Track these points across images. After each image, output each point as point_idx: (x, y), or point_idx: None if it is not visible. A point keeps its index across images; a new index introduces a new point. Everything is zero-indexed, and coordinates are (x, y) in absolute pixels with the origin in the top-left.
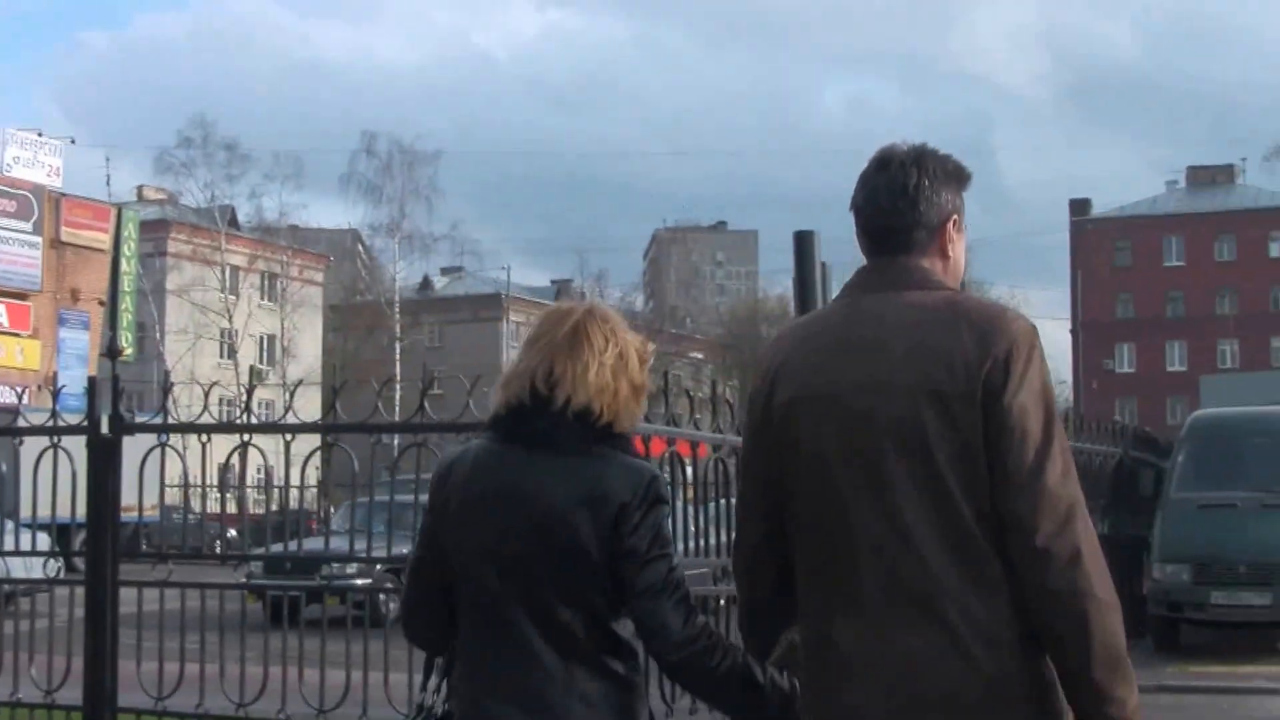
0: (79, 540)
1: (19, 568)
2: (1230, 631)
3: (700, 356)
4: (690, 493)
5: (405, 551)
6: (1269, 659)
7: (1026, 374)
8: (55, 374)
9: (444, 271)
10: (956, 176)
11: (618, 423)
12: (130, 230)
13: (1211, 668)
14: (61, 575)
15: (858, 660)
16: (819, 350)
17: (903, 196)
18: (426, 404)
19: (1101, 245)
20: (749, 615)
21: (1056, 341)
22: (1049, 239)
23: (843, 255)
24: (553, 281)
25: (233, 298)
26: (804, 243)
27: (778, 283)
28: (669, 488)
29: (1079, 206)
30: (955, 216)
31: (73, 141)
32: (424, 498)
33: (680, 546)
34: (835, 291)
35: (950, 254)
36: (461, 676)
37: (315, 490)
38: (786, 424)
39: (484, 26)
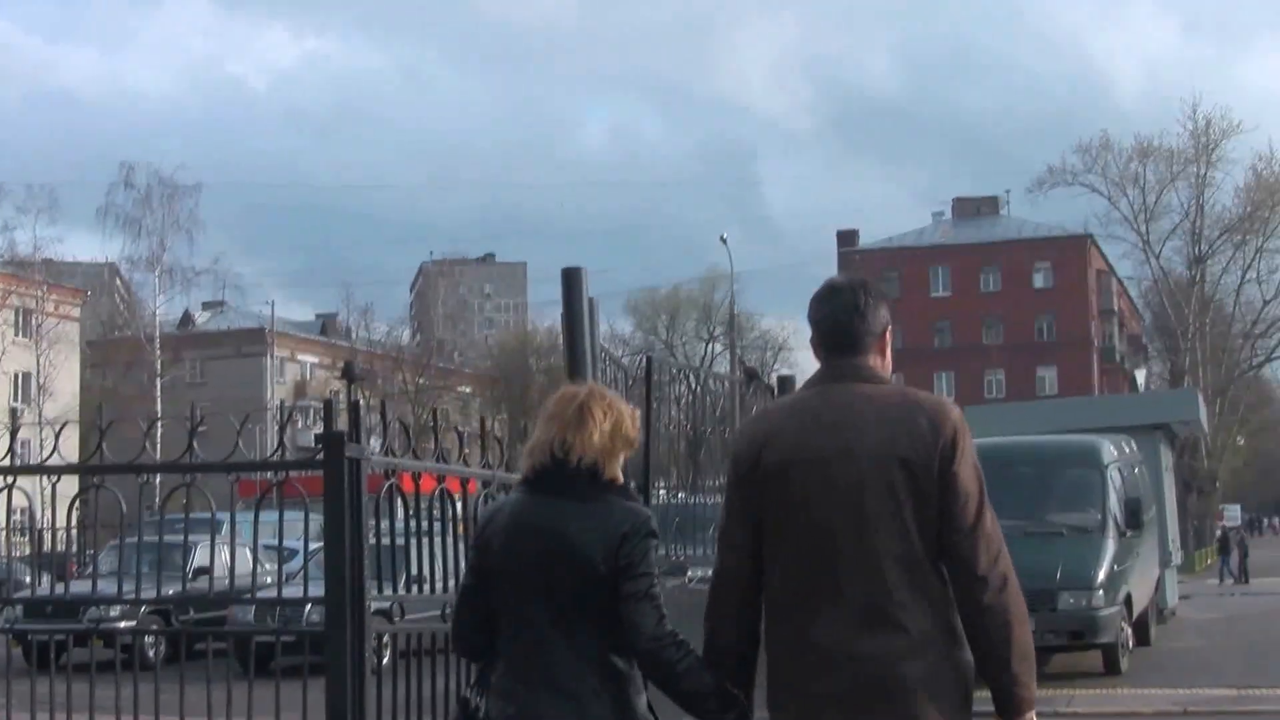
0: None
1: None
2: None
3: (469, 390)
4: (460, 529)
5: (172, 592)
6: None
7: (967, 450)
8: None
9: (205, 306)
10: (885, 298)
11: (617, 476)
12: None
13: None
14: None
15: (835, 656)
16: (802, 426)
17: (855, 312)
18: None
19: (869, 276)
20: (720, 635)
21: None
22: (817, 270)
23: (611, 286)
24: (318, 316)
25: None
26: (572, 279)
27: (548, 315)
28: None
29: (846, 237)
30: (889, 326)
31: None
32: (194, 537)
33: (450, 583)
34: (603, 326)
35: (887, 354)
36: (501, 675)
37: (77, 532)
38: (779, 480)
39: (239, 55)
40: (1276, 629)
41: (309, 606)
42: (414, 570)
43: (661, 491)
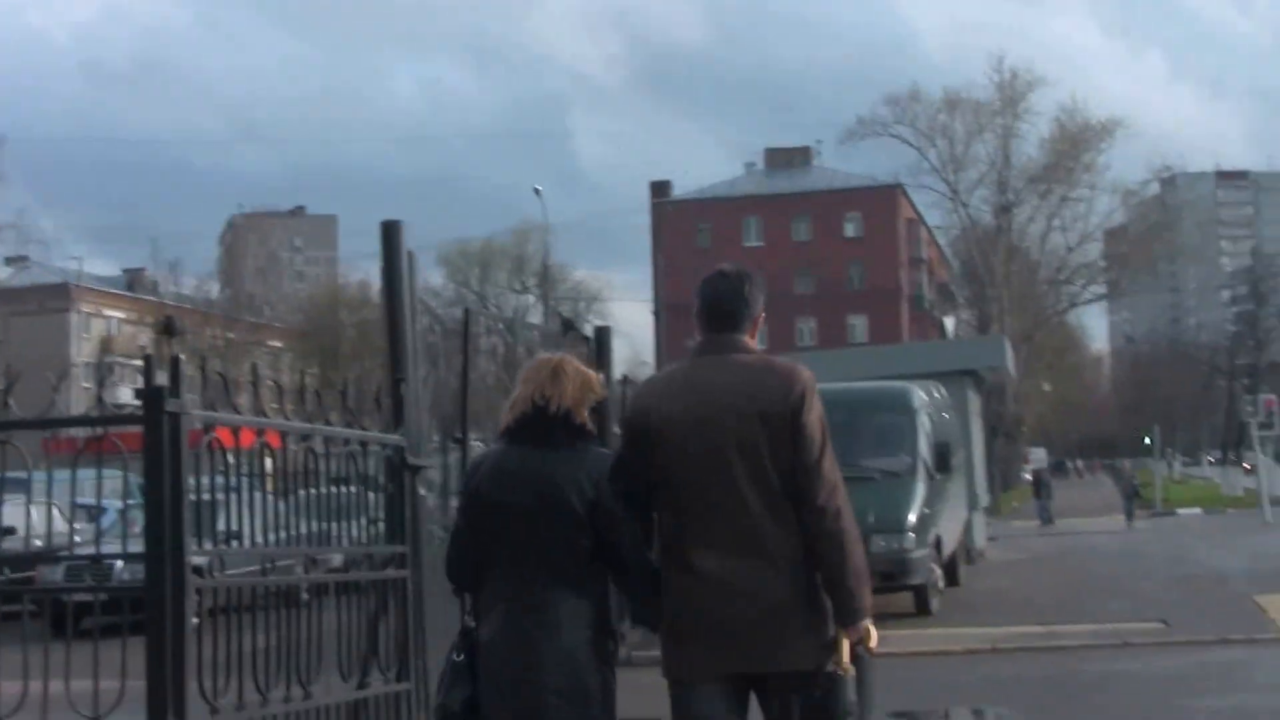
0: None
1: None
2: None
3: (279, 344)
4: (277, 484)
5: None
6: None
7: (814, 404)
8: None
9: (8, 261)
10: (764, 289)
11: (582, 419)
12: None
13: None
14: None
15: (710, 577)
16: (681, 393)
17: (739, 297)
18: None
19: (682, 227)
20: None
21: (638, 323)
22: (630, 221)
23: (423, 239)
24: (124, 271)
25: None
26: (390, 233)
27: (359, 268)
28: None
29: (659, 189)
30: (763, 312)
31: None
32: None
33: (269, 538)
34: (421, 280)
35: (756, 333)
36: (491, 602)
37: None
38: (661, 436)
39: (40, 6)
40: (1078, 567)
41: (120, 564)
42: (233, 525)
43: (477, 443)
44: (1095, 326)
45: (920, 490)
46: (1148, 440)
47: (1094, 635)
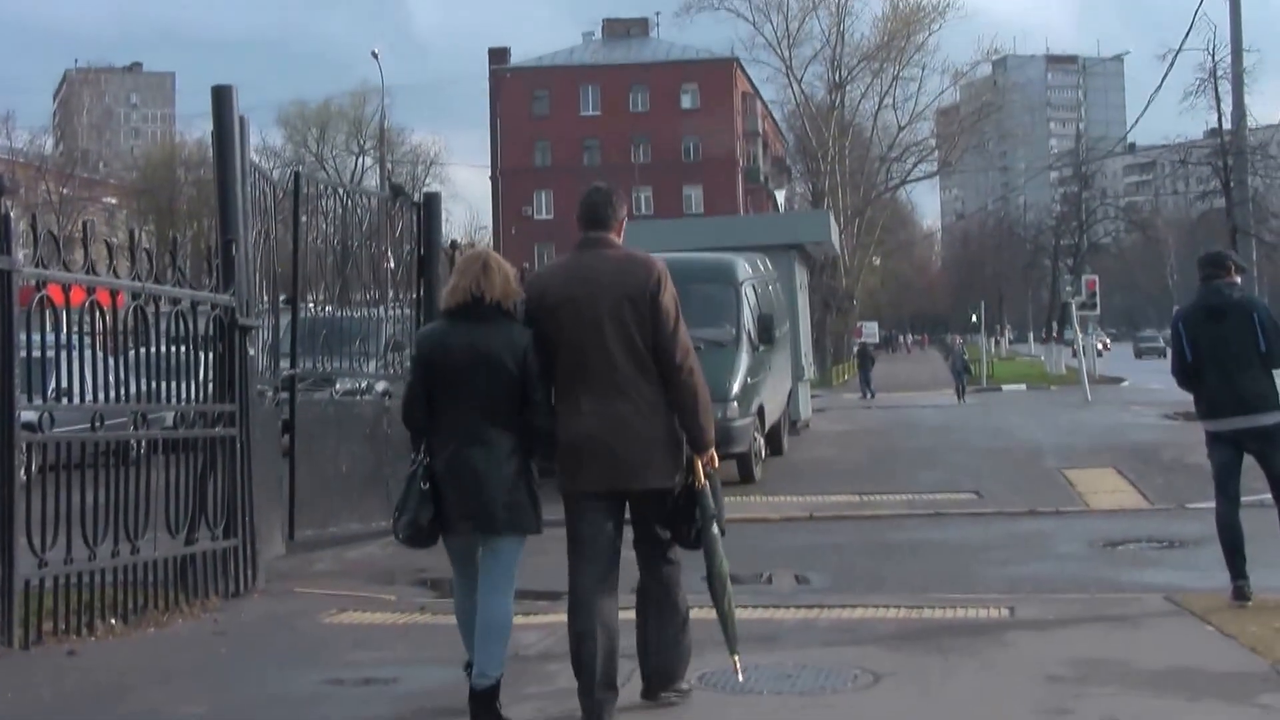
0: None
1: None
2: None
3: (114, 201)
4: (109, 342)
5: None
6: None
7: (668, 286)
8: None
9: None
10: (625, 201)
11: (508, 306)
12: None
13: None
14: None
15: (590, 416)
16: (567, 279)
17: (608, 204)
18: None
19: (520, 94)
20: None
21: (476, 187)
22: (468, 87)
23: (260, 98)
24: None
25: None
26: (222, 97)
27: (197, 126)
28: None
29: (498, 55)
30: (625, 217)
31: None
32: None
33: (101, 397)
34: (254, 139)
35: (621, 233)
36: (445, 440)
37: None
38: (553, 312)
39: None
40: (900, 440)
41: None
42: (63, 382)
43: (310, 305)
44: (927, 204)
45: (744, 361)
46: (975, 317)
47: (908, 505)
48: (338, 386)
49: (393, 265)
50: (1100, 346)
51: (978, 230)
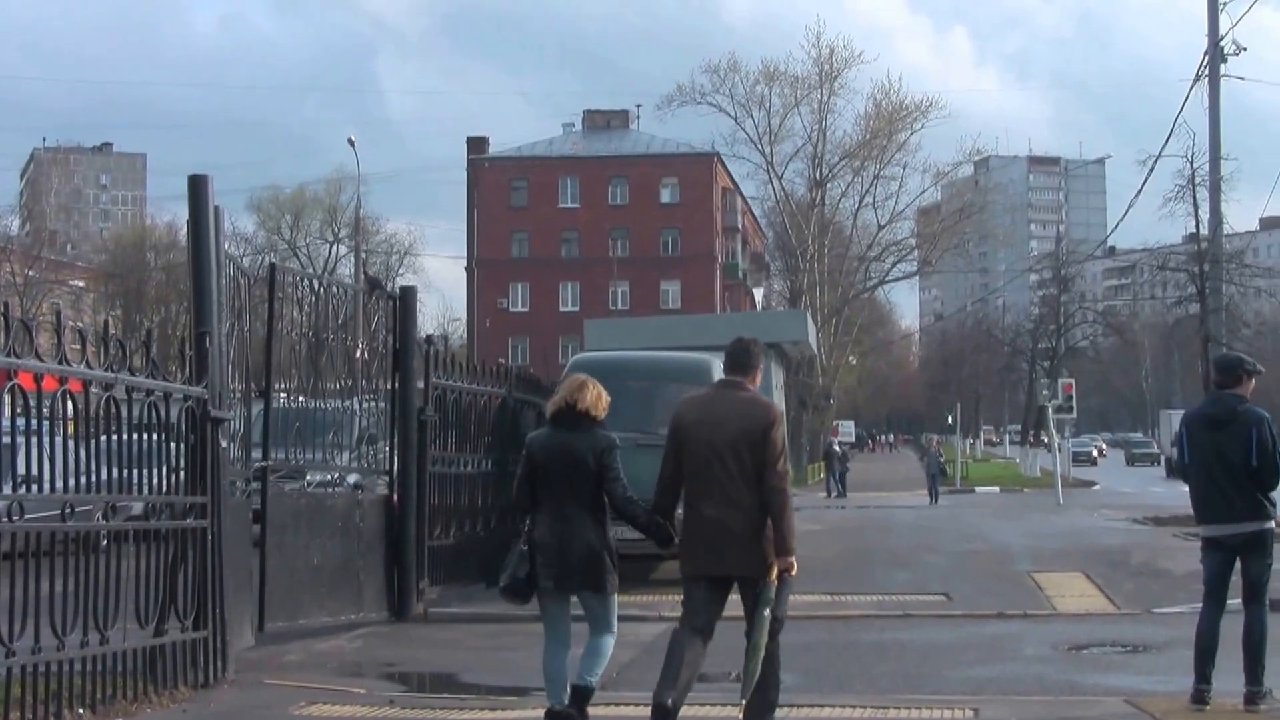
0: None
1: None
2: None
3: (82, 284)
4: (78, 430)
5: None
6: (641, 589)
7: (779, 425)
8: None
9: None
10: (765, 354)
11: (599, 418)
12: None
13: None
14: None
15: (710, 522)
16: (704, 409)
17: (748, 354)
18: None
19: (498, 184)
20: (660, 495)
21: (451, 278)
22: (444, 175)
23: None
24: None
25: None
26: (198, 187)
27: (167, 209)
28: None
29: (476, 144)
30: (761, 367)
31: None
32: None
33: (66, 484)
34: (225, 225)
35: (757, 379)
36: (540, 516)
37: None
38: (687, 434)
39: None
40: (870, 540)
41: None
42: (33, 470)
43: (282, 395)
44: (906, 304)
45: None
46: (951, 418)
47: (878, 605)
48: (310, 478)
49: (365, 357)
50: (1096, 453)
51: (956, 331)
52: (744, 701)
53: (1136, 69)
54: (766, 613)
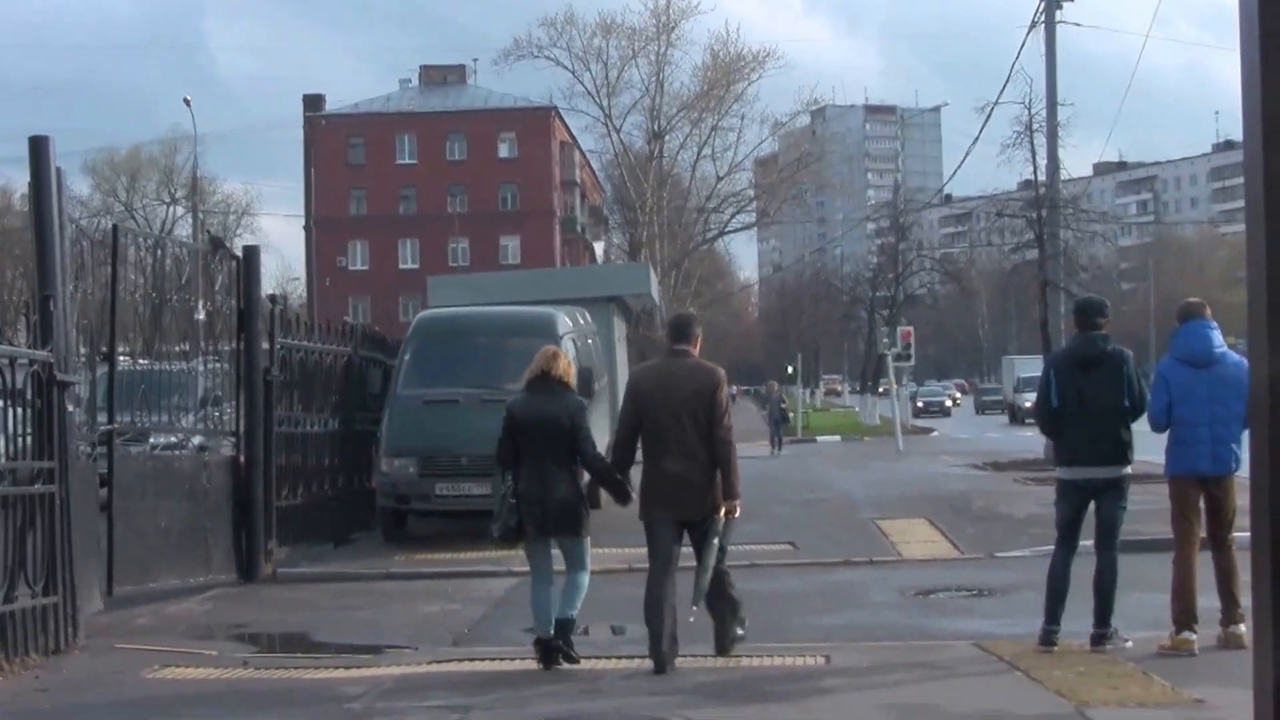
0: None
1: None
2: (454, 520)
3: None
4: None
5: None
6: (489, 545)
7: (722, 387)
8: None
9: None
10: (700, 324)
11: (570, 383)
12: None
13: (437, 555)
14: None
15: (670, 474)
16: (657, 376)
17: (689, 327)
18: None
19: (335, 142)
20: (619, 455)
21: (290, 238)
22: (281, 134)
23: (69, 145)
24: None
25: None
26: (39, 148)
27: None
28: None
29: (312, 102)
30: (699, 335)
31: None
32: None
33: None
34: (69, 194)
35: (697, 346)
36: (521, 476)
37: None
38: (643, 395)
39: None
40: None
41: None
42: None
43: (124, 358)
44: (744, 255)
45: None
46: (791, 369)
47: (726, 555)
48: (154, 441)
49: (203, 318)
50: (950, 401)
51: (795, 281)
52: (696, 608)
53: (966, 17)
54: (715, 541)
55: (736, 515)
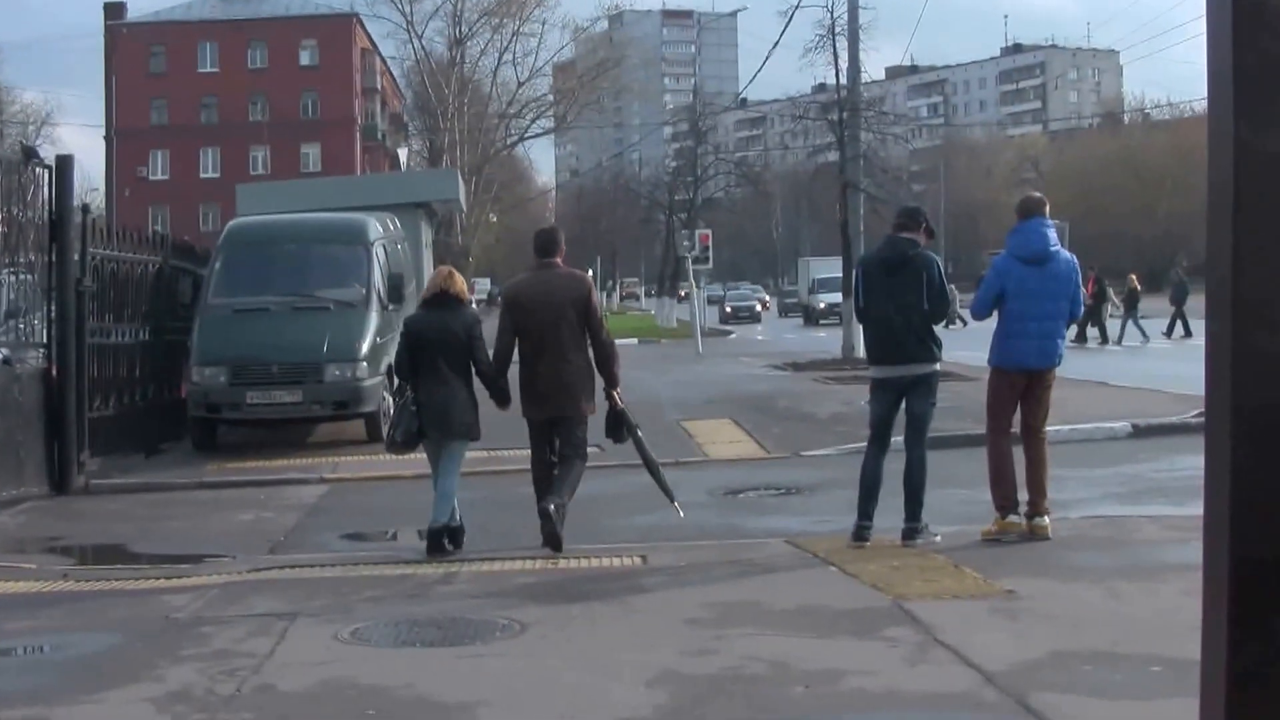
0: None
1: None
2: (265, 429)
3: None
4: None
5: None
6: (299, 452)
7: (594, 291)
8: None
9: None
10: (559, 234)
11: (465, 299)
12: None
13: (249, 463)
14: None
15: (544, 376)
16: (532, 286)
17: (555, 239)
18: None
19: (137, 51)
20: (500, 363)
21: (89, 150)
22: (82, 43)
23: None
24: None
25: None
26: None
27: None
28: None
29: (114, 10)
30: (563, 246)
31: None
32: None
33: None
34: None
35: (562, 256)
36: (422, 382)
37: None
38: (520, 307)
39: None
40: (514, 394)
41: None
42: None
43: None
44: (543, 160)
45: (374, 321)
46: (590, 272)
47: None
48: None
49: (13, 228)
50: (759, 306)
51: (593, 186)
52: (675, 503)
53: None
54: (638, 432)
55: (621, 402)
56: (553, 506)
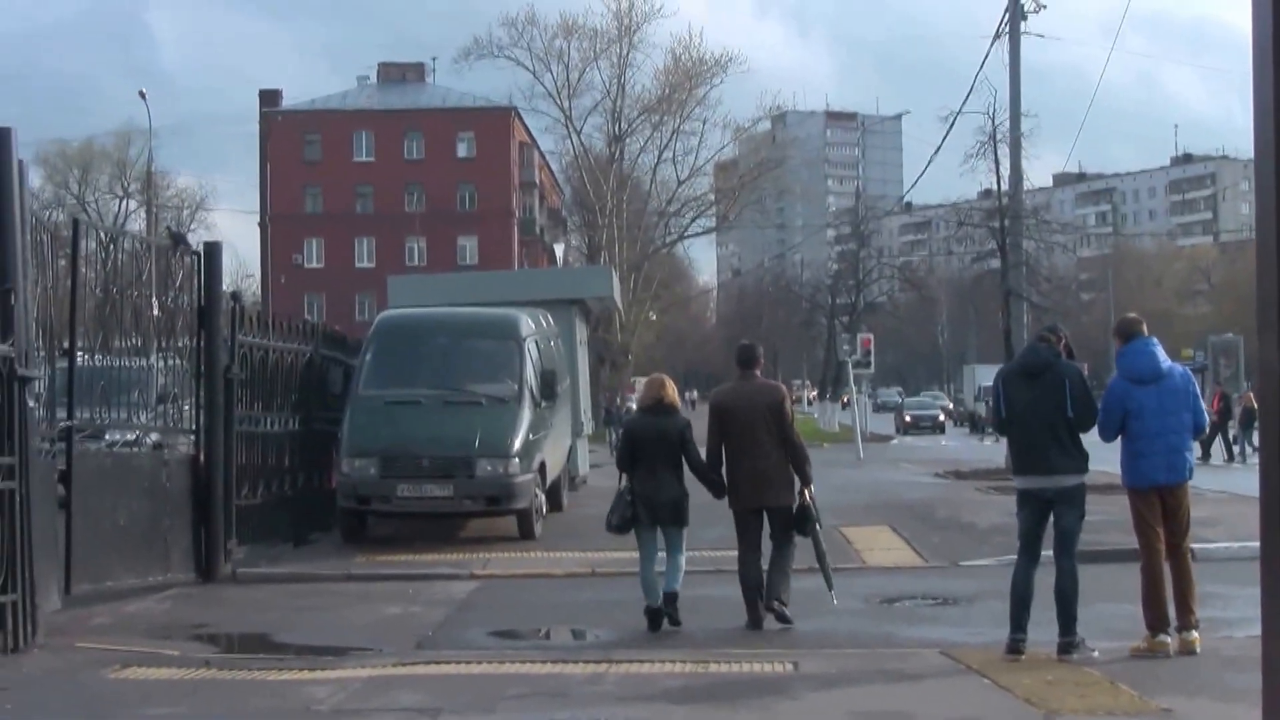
0: None
1: None
2: (414, 522)
3: None
4: None
5: None
6: (449, 547)
7: (788, 400)
8: None
9: None
10: (759, 349)
11: (677, 405)
12: None
13: (398, 556)
14: None
15: (748, 471)
16: (733, 395)
17: (754, 353)
18: None
19: (291, 137)
20: (712, 460)
21: (245, 235)
22: (235, 129)
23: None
24: None
25: None
26: (1, 141)
27: None
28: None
29: (269, 97)
30: (762, 359)
31: None
32: None
33: None
34: (33, 185)
35: (761, 366)
36: (638, 473)
37: None
38: (727, 411)
39: None
40: None
41: None
42: None
43: (83, 355)
44: (704, 259)
45: (526, 417)
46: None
47: (690, 562)
48: (110, 437)
49: (166, 314)
50: (942, 415)
51: (754, 286)
52: (832, 590)
53: (914, 26)
54: (818, 525)
55: (811, 497)
56: (775, 604)
